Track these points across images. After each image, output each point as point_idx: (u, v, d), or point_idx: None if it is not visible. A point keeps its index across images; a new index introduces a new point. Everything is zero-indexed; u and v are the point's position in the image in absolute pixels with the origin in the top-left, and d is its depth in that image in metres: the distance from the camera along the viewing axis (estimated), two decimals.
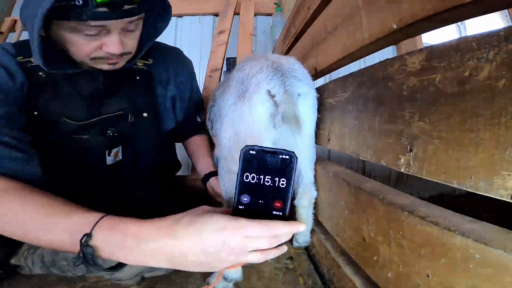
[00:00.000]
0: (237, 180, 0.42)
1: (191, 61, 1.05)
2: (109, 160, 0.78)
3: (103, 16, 0.59)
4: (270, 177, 0.41)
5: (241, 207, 0.42)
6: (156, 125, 0.89)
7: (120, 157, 0.81)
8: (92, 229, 0.45)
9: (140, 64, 0.85)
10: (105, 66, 0.72)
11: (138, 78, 0.83)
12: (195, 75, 1.06)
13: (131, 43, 0.72)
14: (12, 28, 2.03)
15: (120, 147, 0.80)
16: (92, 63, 0.70)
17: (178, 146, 1.14)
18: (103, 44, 0.65)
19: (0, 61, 0.68)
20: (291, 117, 0.68)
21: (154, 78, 0.88)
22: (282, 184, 0.41)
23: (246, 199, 0.42)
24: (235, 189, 0.42)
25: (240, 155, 0.41)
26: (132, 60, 0.79)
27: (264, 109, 0.71)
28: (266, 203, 0.41)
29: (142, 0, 0.65)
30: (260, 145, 0.41)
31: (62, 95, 0.74)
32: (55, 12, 0.57)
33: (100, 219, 0.46)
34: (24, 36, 2.00)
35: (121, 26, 0.65)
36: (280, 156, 0.41)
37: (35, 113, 0.71)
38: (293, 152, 0.41)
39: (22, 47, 0.72)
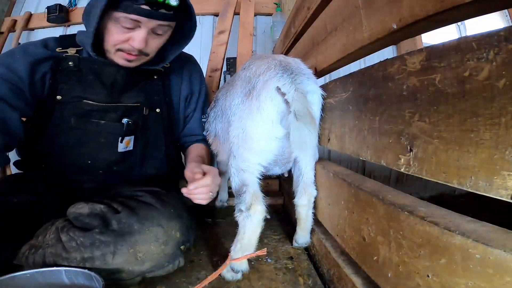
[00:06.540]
0: None
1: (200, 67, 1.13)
2: (121, 147, 0.87)
3: (143, 12, 0.72)
4: None
5: None
6: (168, 122, 0.97)
7: (131, 147, 0.90)
8: None
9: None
10: (121, 61, 0.82)
11: (155, 77, 0.94)
12: (204, 80, 1.12)
13: (154, 45, 0.82)
14: (12, 28, 2.03)
15: (133, 137, 0.89)
16: (113, 54, 0.81)
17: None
18: (131, 38, 0.77)
19: (30, 53, 0.80)
20: (305, 115, 0.68)
21: (170, 79, 0.98)
22: None
23: None
24: None
25: None
26: (150, 66, 0.89)
27: (273, 105, 0.72)
28: None
29: (177, 11, 0.77)
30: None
31: (86, 82, 0.85)
32: (110, 2, 0.71)
33: None
34: (23, 36, 2.00)
35: (151, 26, 0.76)
36: None
37: (58, 97, 0.83)
38: None
39: (65, 40, 0.87)
